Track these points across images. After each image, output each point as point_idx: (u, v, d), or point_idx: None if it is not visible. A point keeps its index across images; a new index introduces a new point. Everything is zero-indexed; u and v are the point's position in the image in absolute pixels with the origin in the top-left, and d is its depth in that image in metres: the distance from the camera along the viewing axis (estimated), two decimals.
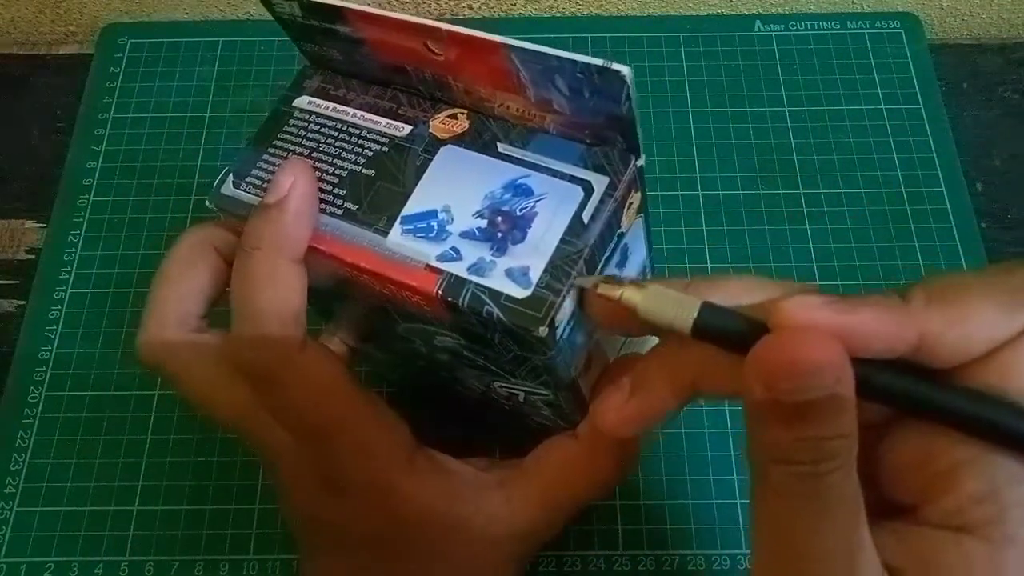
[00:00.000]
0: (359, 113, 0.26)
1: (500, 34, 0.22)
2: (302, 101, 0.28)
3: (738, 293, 0.21)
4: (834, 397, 0.17)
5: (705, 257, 0.42)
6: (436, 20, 0.22)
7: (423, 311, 0.24)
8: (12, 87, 0.49)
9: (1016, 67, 0.49)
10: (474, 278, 0.22)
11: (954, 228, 0.43)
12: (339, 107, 0.27)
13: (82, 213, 0.44)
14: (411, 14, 0.24)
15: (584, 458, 0.27)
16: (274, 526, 0.36)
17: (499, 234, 0.23)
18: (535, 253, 0.23)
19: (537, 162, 0.24)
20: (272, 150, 0.26)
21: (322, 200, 0.25)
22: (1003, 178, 0.46)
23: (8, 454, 0.38)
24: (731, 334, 0.20)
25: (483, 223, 0.23)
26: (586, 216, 0.23)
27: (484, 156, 0.24)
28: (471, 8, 0.51)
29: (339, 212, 0.25)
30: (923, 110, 0.46)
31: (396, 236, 0.24)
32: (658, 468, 0.37)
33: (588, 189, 0.23)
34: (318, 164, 0.26)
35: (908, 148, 0.45)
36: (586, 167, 0.24)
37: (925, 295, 0.18)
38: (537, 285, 0.22)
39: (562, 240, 0.23)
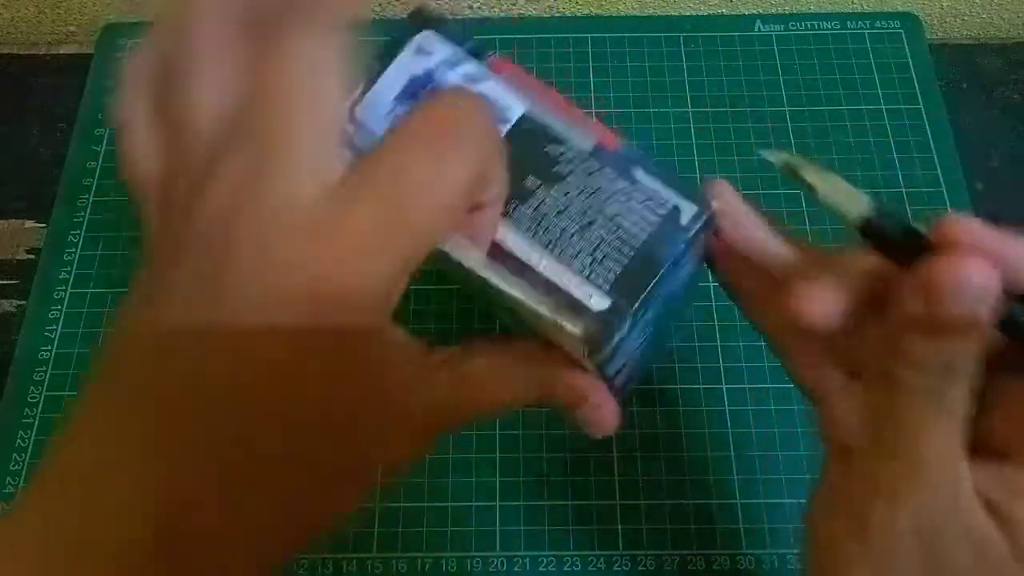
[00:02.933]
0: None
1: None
2: None
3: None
4: (975, 318, 0.19)
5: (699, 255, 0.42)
6: None
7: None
8: (12, 87, 0.49)
9: (1016, 67, 0.49)
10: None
11: None
12: None
13: (82, 213, 0.44)
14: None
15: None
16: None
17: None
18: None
19: None
20: None
21: None
22: (1003, 178, 0.46)
23: (8, 454, 0.38)
24: (894, 237, 0.21)
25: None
26: None
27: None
28: (471, 8, 0.51)
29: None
30: (923, 110, 0.46)
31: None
32: (658, 468, 0.37)
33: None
34: None
35: (908, 148, 0.45)
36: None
37: None
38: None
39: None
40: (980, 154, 0.46)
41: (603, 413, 0.24)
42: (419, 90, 0.26)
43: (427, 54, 0.26)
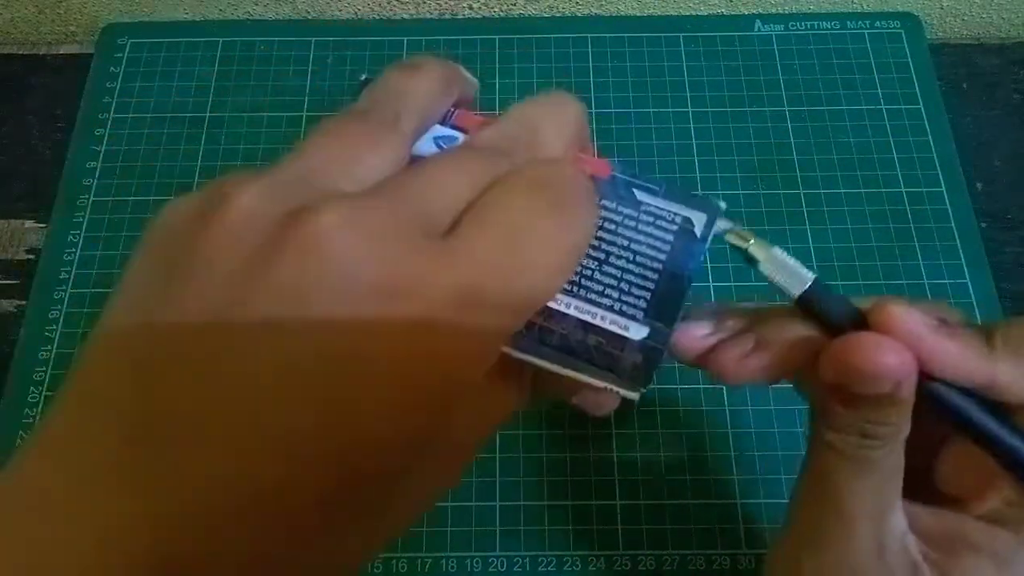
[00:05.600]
0: None
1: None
2: None
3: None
4: (891, 397, 0.20)
5: (705, 257, 0.42)
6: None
7: None
8: (12, 87, 0.49)
9: (1016, 67, 0.49)
10: None
11: (954, 228, 0.43)
12: None
13: (82, 213, 0.44)
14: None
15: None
16: None
17: None
18: None
19: None
20: None
21: None
22: (1003, 178, 0.46)
23: (8, 454, 0.37)
24: (832, 313, 0.22)
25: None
26: None
27: None
28: (471, 8, 0.51)
29: None
30: (923, 110, 0.46)
31: None
32: (658, 468, 0.37)
33: None
34: None
35: (908, 148, 0.45)
36: None
37: (1004, 342, 0.21)
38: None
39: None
40: (980, 154, 0.46)
41: (604, 395, 0.24)
42: None
43: None
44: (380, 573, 0.36)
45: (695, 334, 0.24)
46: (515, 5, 0.51)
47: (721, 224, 0.24)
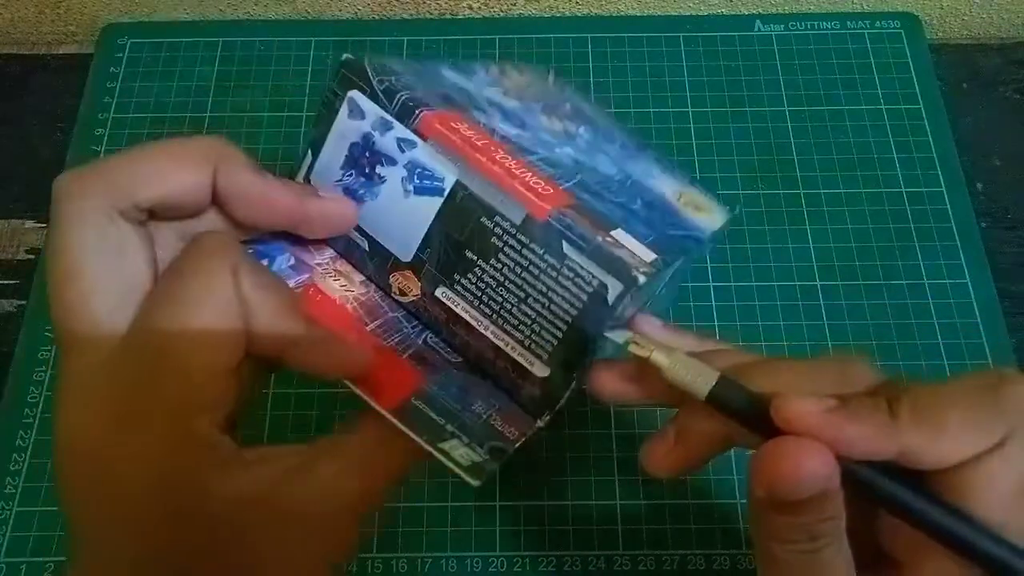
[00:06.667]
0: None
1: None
2: None
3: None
4: (824, 492, 0.20)
5: (705, 257, 0.42)
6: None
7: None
8: (12, 87, 0.49)
9: (1016, 67, 0.49)
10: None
11: (954, 228, 0.43)
12: None
13: None
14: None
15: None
16: None
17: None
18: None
19: None
20: None
21: None
22: (1003, 178, 0.46)
23: (8, 454, 0.38)
24: (740, 408, 0.22)
25: None
26: None
27: None
28: (471, 8, 0.51)
29: None
30: (923, 110, 0.46)
31: None
32: None
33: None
34: None
35: (908, 148, 0.45)
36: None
37: (911, 410, 0.21)
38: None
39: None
40: (980, 154, 0.46)
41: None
42: (361, 157, 0.26)
43: (360, 115, 0.26)
44: (380, 573, 0.36)
45: (607, 377, 0.25)
46: (515, 5, 0.51)
47: (619, 335, 0.24)
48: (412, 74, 0.27)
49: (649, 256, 0.24)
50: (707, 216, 0.30)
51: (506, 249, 0.25)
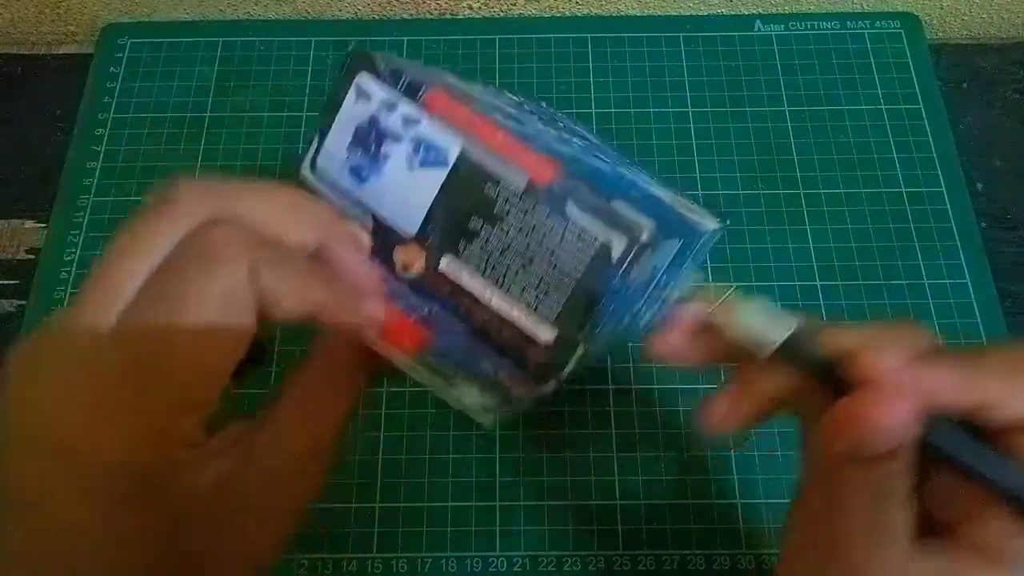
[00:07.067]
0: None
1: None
2: None
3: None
4: (901, 447, 0.21)
5: (705, 259, 0.42)
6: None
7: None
8: (12, 87, 0.49)
9: (1016, 67, 0.49)
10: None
11: (954, 228, 0.43)
12: None
13: (82, 213, 0.44)
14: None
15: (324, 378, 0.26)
16: None
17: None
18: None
19: None
20: None
21: None
22: (1003, 178, 0.46)
23: None
24: (813, 362, 0.22)
25: None
26: None
27: None
28: (471, 8, 0.51)
29: None
30: (923, 110, 0.46)
31: None
32: (658, 469, 0.37)
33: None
34: None
35: (908, 148, 0.45)
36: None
37: (996, 361, 0.21)
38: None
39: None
40: (980, 154, 0.46)
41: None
42: (367, 137, 0.27)
43: (367, 97, 0.27)
44: (380, 573, 0.36)
45: (666, 336, 0.25)
46: (515, 5, 0.51)
47: (685, 287, 0.24)
48: (416, 68, 0.28)
49: (651, 223, 0.24)
50: (700, 219, 0.30)
51: (511, 213, 0.25)
